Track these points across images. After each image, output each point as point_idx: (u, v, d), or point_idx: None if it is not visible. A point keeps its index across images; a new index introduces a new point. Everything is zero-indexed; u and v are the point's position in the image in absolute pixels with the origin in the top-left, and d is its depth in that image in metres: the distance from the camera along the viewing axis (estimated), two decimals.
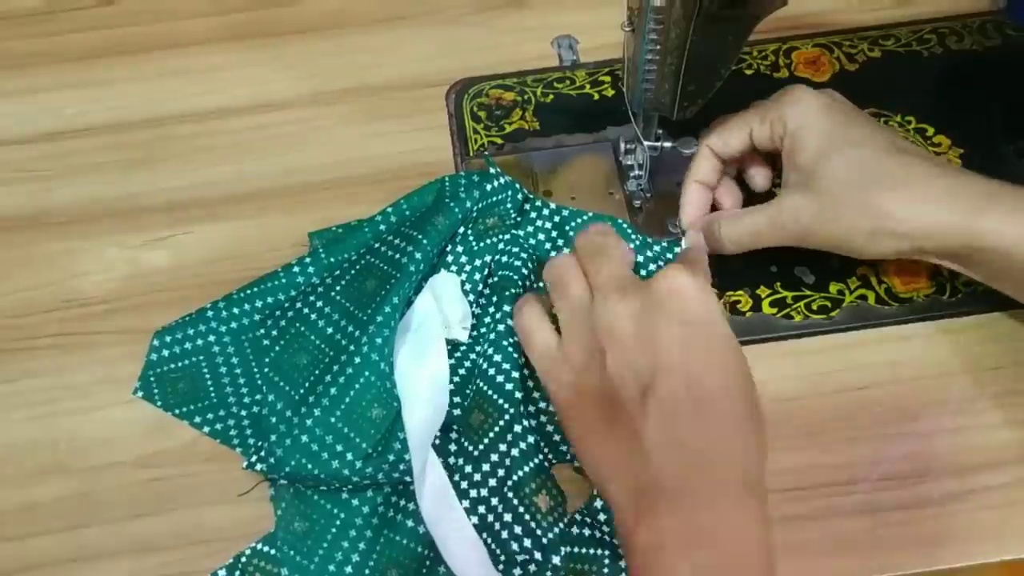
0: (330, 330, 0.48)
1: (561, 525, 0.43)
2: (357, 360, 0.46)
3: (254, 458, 0.46)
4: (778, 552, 0.44)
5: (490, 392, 0.46)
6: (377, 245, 0.50)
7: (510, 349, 0.46)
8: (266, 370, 0.48)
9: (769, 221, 0.47)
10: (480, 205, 0.51)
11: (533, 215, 0.53)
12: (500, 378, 0.46)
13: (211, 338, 0.50)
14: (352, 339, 0.47)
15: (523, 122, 0.59)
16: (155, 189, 0.58)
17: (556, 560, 0.42)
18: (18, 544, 0.46)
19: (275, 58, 0.63)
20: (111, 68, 0.63)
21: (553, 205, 0.53)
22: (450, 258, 0.50)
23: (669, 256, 0.52)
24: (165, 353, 0.50)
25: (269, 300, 0.50)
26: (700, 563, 0.34)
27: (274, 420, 0.46)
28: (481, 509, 0.44)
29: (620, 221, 0.52)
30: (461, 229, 0.50)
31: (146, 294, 0.54)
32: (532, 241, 0.52)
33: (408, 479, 0.45)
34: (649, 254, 0.51)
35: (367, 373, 0.46)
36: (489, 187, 0.51)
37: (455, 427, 0.47)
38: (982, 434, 0.47)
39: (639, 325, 0.38)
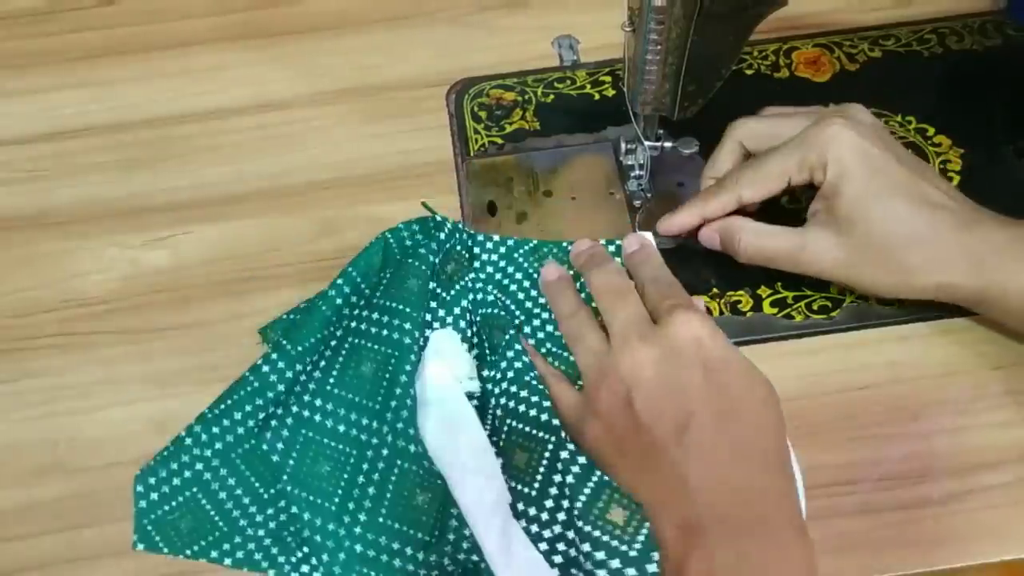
0: (342, 427, 0.46)
1: (644, 531, 0.40)
2: (385, 452, 0.45)
3: (305, 568, 0.44)
4: None
5: (526, 428, 0.44)
6: (356, 325, 0.48)
7: (534, 382, 0.45)
8: (289, 488, 0.45)
9: (791, 251, 0.48)
10: (440, 256, 0.50)
11: (477, 250, 0.52)
12: (533, 411, 0.44)
13: (199, 466, 0.46)
14: (371, 431, 0.46)
15: (523, 122, 0.59)
16: (155, 189, 0.58)
17: (651, 568, 0.40)
18: (18, 544, 0.46)
19: (275, 58, 0.63)
20: (111, 68, 0.63)
21: (496, 237, 0.52)
22: (429, 316, 0.49)
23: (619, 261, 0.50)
24: (154, 496, 0.46)
25: (248, 408, 0.47)
26: None
27: (318, 538, 0.44)
28: (561, 547, 0.41)
29: (566, 244, 0.51)
30: (432, 285, 0.49)
31: (146, 294, 0.54)
32: (483, 275, 0.51)
33: (475, 557, 0.42)
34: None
35: (399, 462, 0.45)
36: (442, 235, 0.50)
37: (505, 476, 0.44)
38: (982, 434, 0.47)
39: (661, 372, 0.40)
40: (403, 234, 0.51)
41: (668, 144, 0.52)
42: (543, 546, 0.41)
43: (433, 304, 0.49)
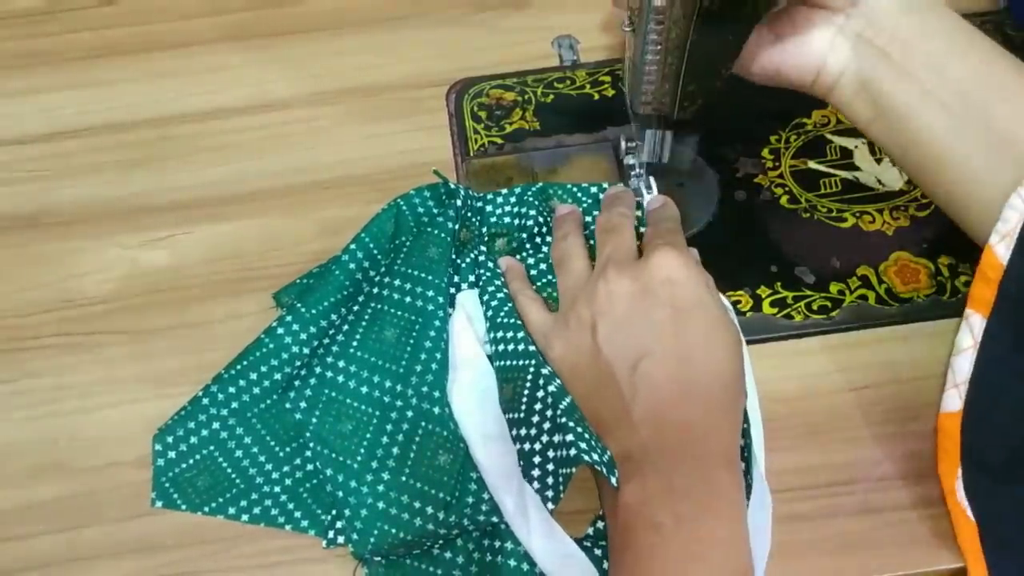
0: (364, 389, 0.48)
1: None
2: (410, 414, 0.46)
3: (331, 534, 0.45)
4: (778, 552, 0.44)
5: (509, 362, 0.46)
6: (378, 291, 0.50)
7: (512, 319, 0.47)
8: (311, 444, 0.47)
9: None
10: (457, 224, 0.50)
11: (489, 208, 0.52)
12: (512, 346, 0.46)
13: (215, 425, 0.48)
14: (394, 394, 0.47)
15: (523, 122, 0.59)
16: (155, 189, 0.58)
17: None
18: (18, 544, 0.46)
19: (275, 58, 0.63)
20: (111, 68, 0.63)
21: (505, 191, 0.52)
22: (448, 284, 0.49)
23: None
24: (172, 455, 0.48)
25: (263, 369, 0.48)
26: (681, 512, 0.37)
27: (340, 493, 0.45)
28: (551, 454, 0.42)
29: (570, 185, 0.53)
30: (452, 254, 0.50)
31: (146, 294, 0.54)
32: (497, 220, 0.52)
33: (495, 519, 0.43)
34: (587, 203, 0.52)
35: (423, 423, 0.46)
36: (458, 202, 0.51)
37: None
38: None
39: (632, 305, 0.42)
40: (415, 201, 0.51)
41: (668, 134, 0.52)
42: (536, 459, 0.43)
43: (451, 271, 0.50)
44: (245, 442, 0.48)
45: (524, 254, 0.51)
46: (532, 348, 0.45)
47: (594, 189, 0.52)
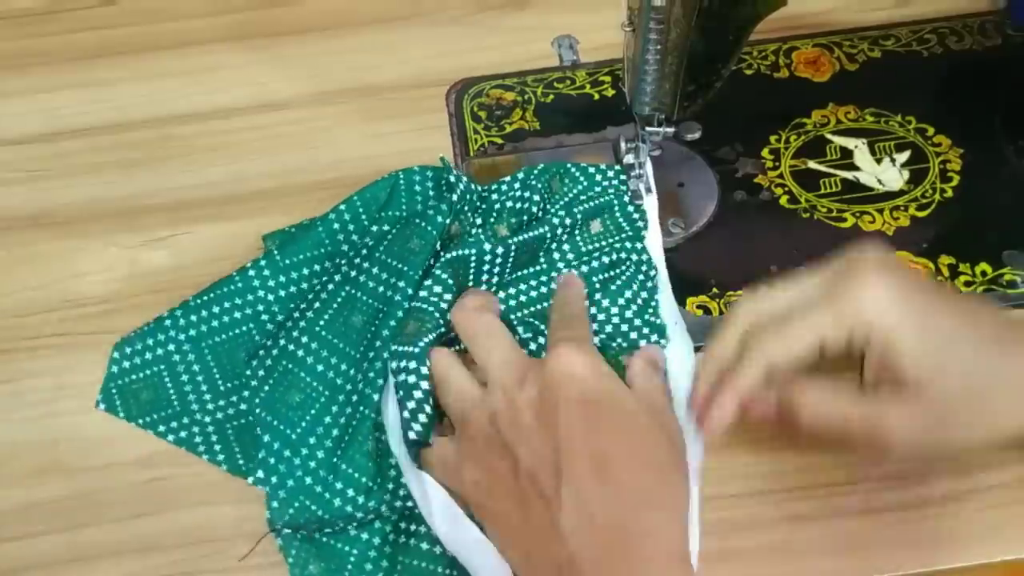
0: (320, 367, 0.48)
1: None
2: (355, 398, 0.47)
3: (260, 473, 0.46)
4: (778, 552, 0.44)
5: (425, 307, 0.47)
6: (355, 275, 0.50)
7: (449, 281, 0.48)
8: (258, 410, 0.48)
9: (863, 423, 0.39)
10: (449, 219, 0.50)
11: (494, 197, 0.53)
12: (431, 297, 0.47)
13: (171, 347, 0.50)
14: (347, 377, 0.48)
15: (523, 122, 0.59)
16: (155, 189, 0.58)
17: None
18: (18, 544, 0.46)
19: (275, 58, 0.63)
20: (111, 68, 0.63)
21: (508, 178, 0.53)
22: (424, 275, 0.49)
23: (616, 183, 0.53)
24: (126, 364, 0.50)
25: (226, 305, 0.50)
26: None
27: (272, 461, 0.46)
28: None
29: (570, 165, 0.53)
30: (436, 246, 0.50)
31: (146, 294, 0.53)
32: (500, 207, 0.52)
33: (411, 503, 0.45)
34: (599, 187, 0.53)
35: (362, 408, 0.46)
36: (455, 197, 0.51)
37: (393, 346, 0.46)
38: None
39: (539, 413, 0.39)
40: (415, 178, 0.52)
41: (669, 130, 0.52)
42: (424, 384, 0.44)
43: (432, 262, 0.50)
44: (193, 369, 0.50)
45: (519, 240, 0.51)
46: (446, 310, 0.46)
47: (592, 170, 0.53)
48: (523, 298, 0.50)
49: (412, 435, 0.44)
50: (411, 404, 0.44)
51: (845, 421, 0.40)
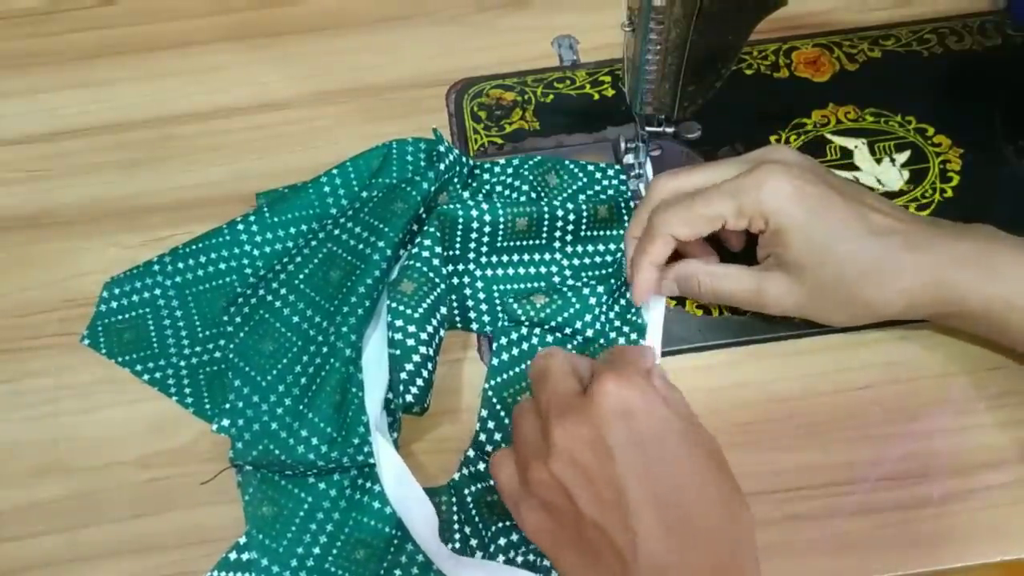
0: (295, 319, 0.49)
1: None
2: (325, 350, 0.48)
3: (225, 422, 0.47)
4: (778, 552, 0.44)
5: (420, 265, 0.49)
6: (338, 233, 0.51)
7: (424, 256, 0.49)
8: (231, 355, 0.49)
9: (750, 294, 0.47)
10: (436, 187, 0.51)
11: (486, 176, 0.54)
12: (425, 256, 0.49)
13: (156, 291, 0.52)
14: (320, 329, 0.49)
15: (523, 122, 0.59)
16: (155, 189, 0.58)
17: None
18: (18, 544, 0.46)
19: (275, 58, 0.63)
20: (111, 68, 0.63)
21: (503, 160, 0.54)
22: (405, 236, 0.50)
23: (616, 182, 0.54)
24: (114, 304, 0.52)
25: (212, 256, 0.52)
26: None
27: (241, 405, 0.47)
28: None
29: (567, 162, 0.54)
30: (421, 211, 0.51)
31: None
32: (490, 189, 0.54)
33: (372, 461, 0.45)
34: (599, 185, 0.54)
35: (332, 360, 0.47)
36: (443, 166, 0.52)
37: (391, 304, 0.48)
38: (982, 434, 0.47)
39: (596, 454, 0.37)
40: (407, 148, 0.54)
41: (670, 130, 0.52)
42: (423, 350, 0.46)
43: (415, 227, 0.51)
44: (175, 315, 0.52)
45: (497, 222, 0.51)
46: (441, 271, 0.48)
47: (591, 168, 0.54)
48: (511, 272, 0.51)
49: (409, 397, 0.46)
50: (409, 367, 0.46)
51: (732, 295, 0.48)
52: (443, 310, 0.48)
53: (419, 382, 0.46)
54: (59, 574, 0.46)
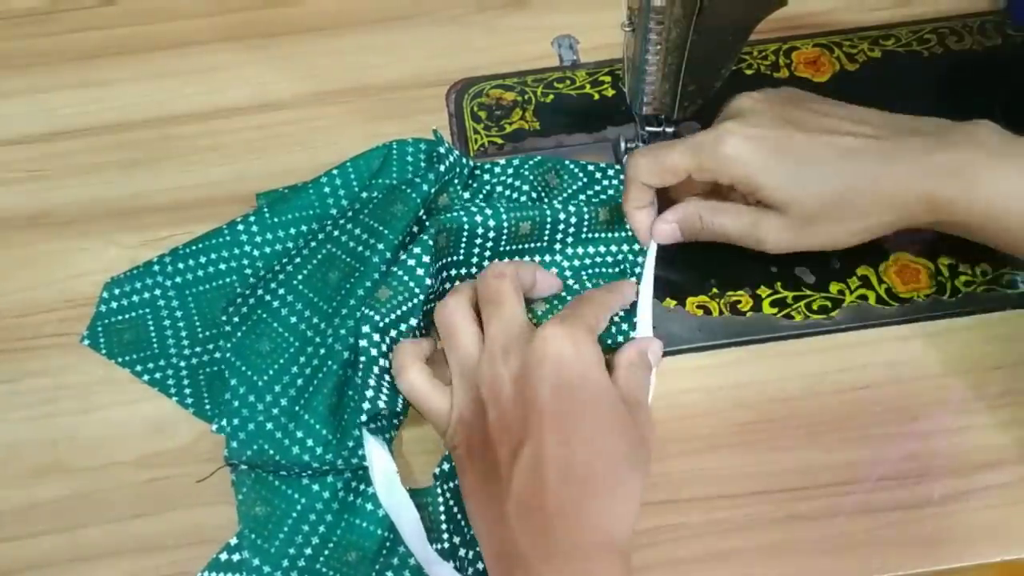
0: (293, 319, 0.49)
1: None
2: (323, 351, 0.48)
3: (224, 421, 0.47)
4: (778, 552, 0.44)
5: (400, 272, 0.47)
6: (337, 234, 0.51)
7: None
8: (228, 355, 0.49)
9: (748, 227, 0.48)
10: (436, 188, 0.51)
11: (486, 177, 0.54)
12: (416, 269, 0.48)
13: (157, 292, 0.52)
14: (317, 330, 0.49)
15: (523, 122, 0.59)
16: (155, 189, 0.58)
17: None
18: (18, 544, 0.46)
19: (275, 58, 0.63)
20: (111, 68, 0.63)
21: (503, 160, 0.54)
22: (406, 239, 0.50)
23: (616, 182, 0.54)
24: (114, 305, 0.52)
25: (212, 256, 0.52)
26: None
27: (236, 403, 0.47)
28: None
29: (567, 162, 0.54)
30: (421, 214, 0.51)
31: None
32: (490, 189, 0.54)
33: (367, 464, 0.45)
34: (599, 185, 0.54)
35: (329, 362, 0.47)
36: (443, 168, 0.52)
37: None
38: (982, 434, 0.47)
39: (517, 387, 0.40)
40: (408, 149, 0.54)
41: (670, 130, 0.52)
42: (383, 362, 0.45)
43: (415, 229, 0.51)
44: (175, 315, 0.52)
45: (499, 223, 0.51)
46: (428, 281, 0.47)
47: (591, 167, 0.53)
48: None
49: (381, 404, 0.44)
50: (375, 371, 0.45)
51: (732, 230, 0.48)
52: (413, 321, 0.47)
53: (385, 390, 0.45)
54: (59, 574, 0.46)
